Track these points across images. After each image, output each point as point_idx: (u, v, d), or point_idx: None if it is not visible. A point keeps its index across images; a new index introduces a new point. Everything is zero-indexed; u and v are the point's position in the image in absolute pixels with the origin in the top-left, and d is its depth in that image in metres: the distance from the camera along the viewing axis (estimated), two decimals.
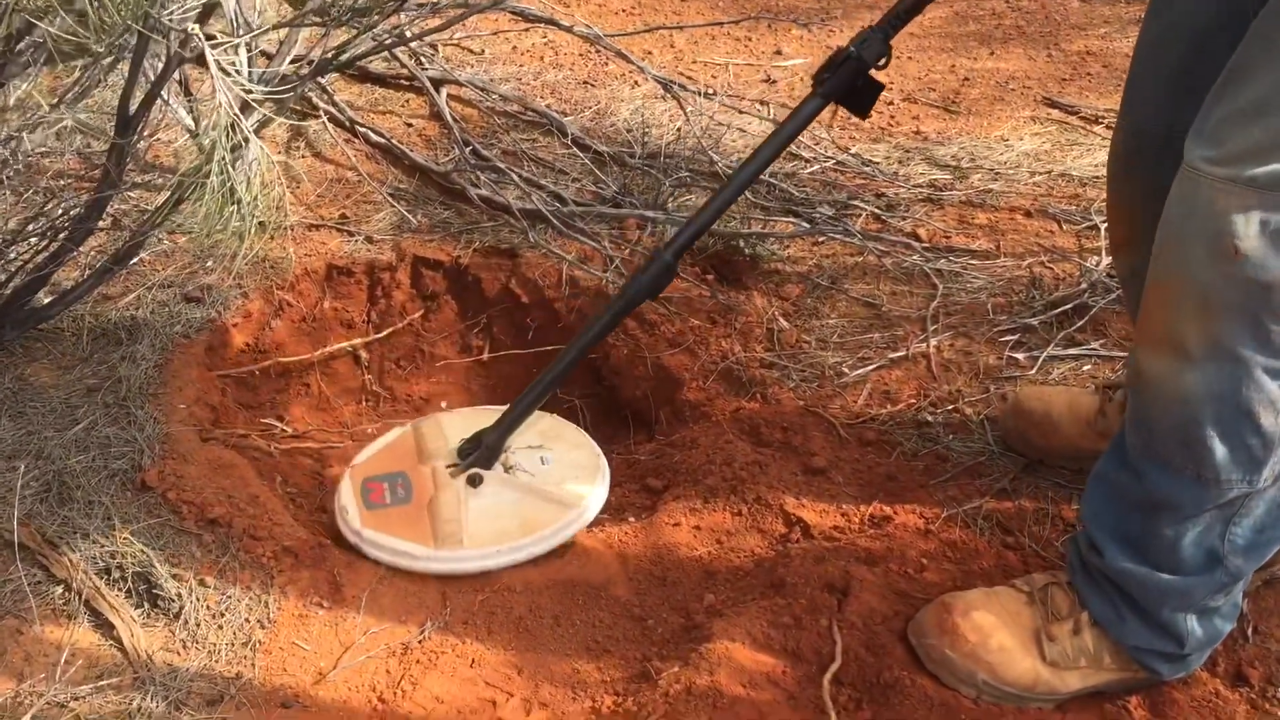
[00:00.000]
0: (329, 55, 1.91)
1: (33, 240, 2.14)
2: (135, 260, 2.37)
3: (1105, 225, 2.69)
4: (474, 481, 1.98)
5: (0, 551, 1.79)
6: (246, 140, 1.40)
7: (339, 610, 1.77)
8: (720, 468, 2.05)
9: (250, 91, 1.31)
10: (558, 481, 2.02)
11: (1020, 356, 2.30)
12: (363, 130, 2.97)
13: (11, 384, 2.10)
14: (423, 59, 3.28)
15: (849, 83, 1.84)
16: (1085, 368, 2.27)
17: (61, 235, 2.04)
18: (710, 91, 3.26)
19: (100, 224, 2.18)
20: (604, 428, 2.48)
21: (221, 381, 2.34)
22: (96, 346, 2.23)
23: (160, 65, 1.88)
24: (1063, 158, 3.05)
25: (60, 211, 2.15)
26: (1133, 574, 1.52)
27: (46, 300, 2.19)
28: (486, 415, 2.08)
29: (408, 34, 2.83)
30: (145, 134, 2.08)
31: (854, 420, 2.16)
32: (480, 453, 2.01)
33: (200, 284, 2.42)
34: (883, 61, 1.85)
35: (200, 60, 1.45)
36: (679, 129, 3.09)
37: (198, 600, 1.75)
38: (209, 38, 1.41)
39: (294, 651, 1.70)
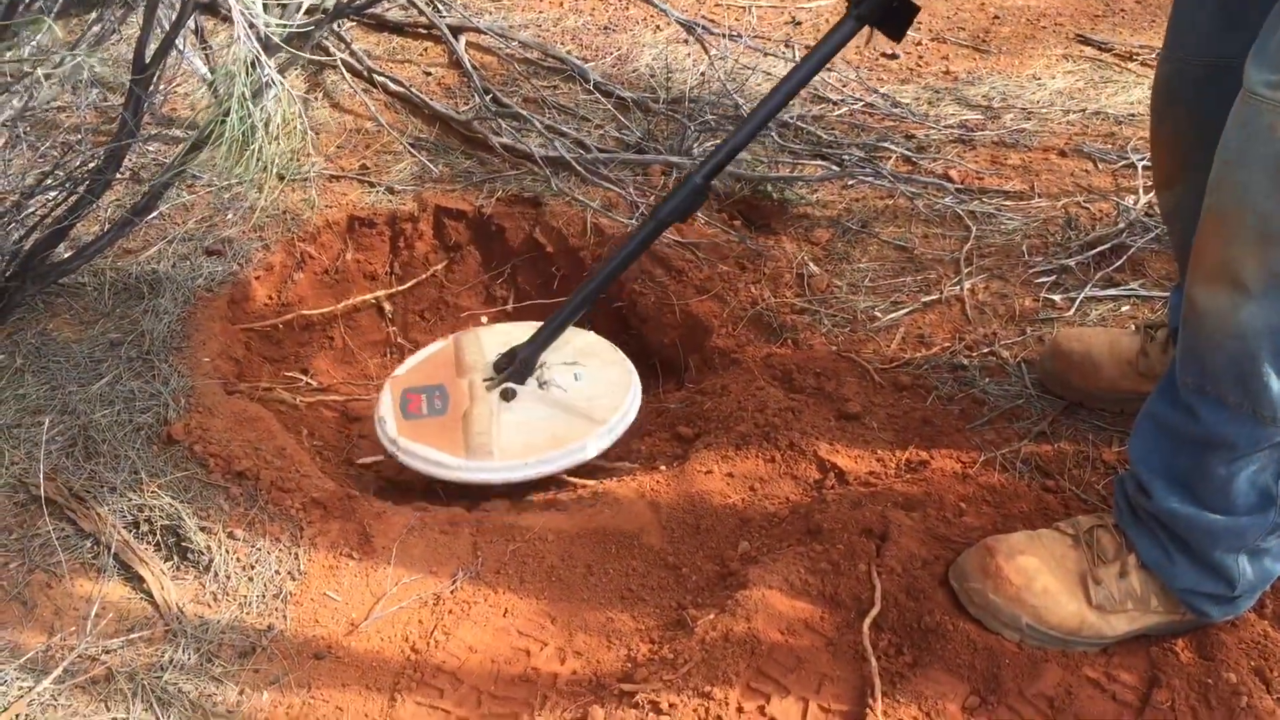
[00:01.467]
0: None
1: (51, 194, 2.11)
2: (155, 214, 2.34)
3: (1143, 163, 2.62)
4: (507, 396, 2.03)
5: (28, 506, 1.78)
6: (269, 83, 1.36)
7: (369, 561, 1.75)
8: (752, 414, 2.01)
9: (269, 26, 1.27)
10: (589, 398, 2.06)
11: (1057, 298, 2.25)
12: (381, 79, 2.93)
13: (34, 339, 2.08)
14: (440, 6, 3.22)
15: (884, 4, 1.80)
16: (1124, 308, 2.21)
17: (81, 187, 2.01)
18: (734, 34, 3.19)
19: (118, 176, 2.15)
20: None
21: (245, 335, 2.31)
22: (118, 301, 2.20)
23: (174, 13, 1.84)
24: (1097, 96, 2.98)
25: (78, 163, 2.11)
26: (1182, 515, 1.47)
27: (67, 254, 2.17)
28: (524, 330, 2.13)
29: None
30: (161, 86, 2.04)
31: (888, 365, 2.12)
32: (514, 368, 2.06)
33: (221, 237, 2.39)
34: None
35: (213, 8, 1.41)
36: (702, 73, 3.03)
37: (227, 553, 1.73)
38: None
39: (325, 603, 1.68)
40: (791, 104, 2.86)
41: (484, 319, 2.52)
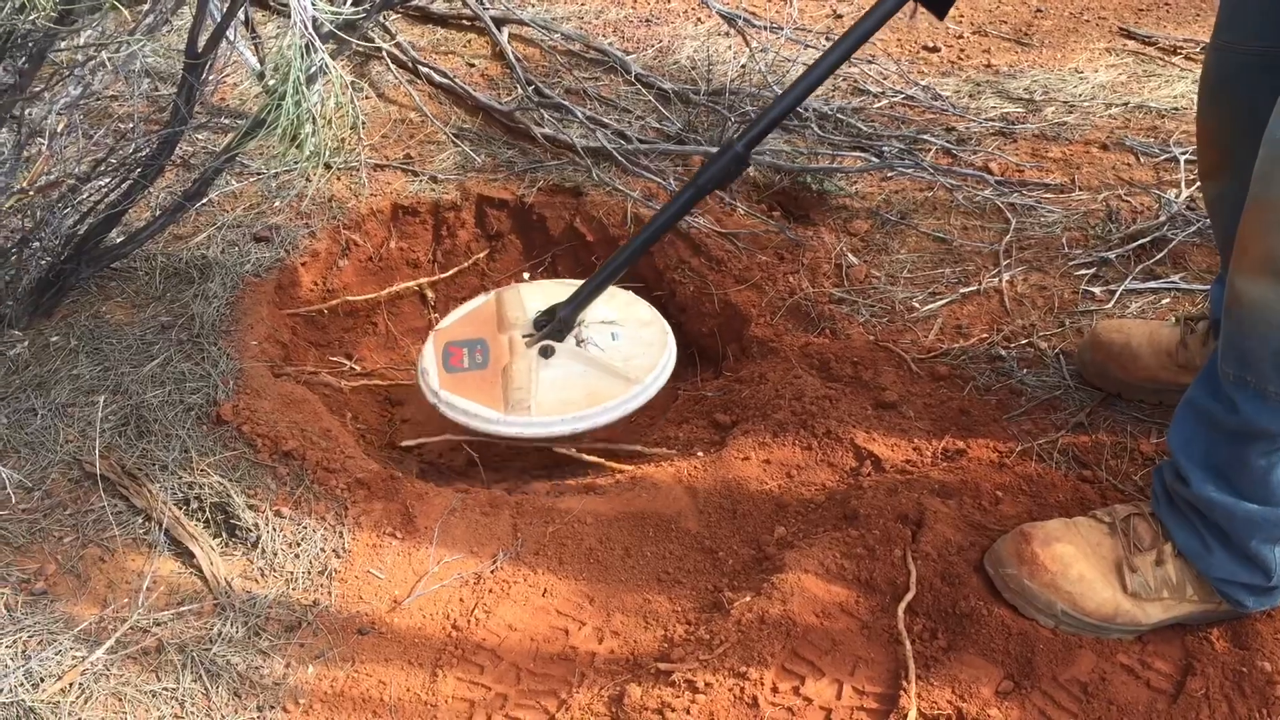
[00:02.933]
0: None
1: (104, 180, 2.16)
2: (205, 201, 2.39)
3: (1185, 157, 2.61)
4: (546, 353, 2.07)
5: (82, 482, 1.83)
6: (322, 69, 1.39)
7: (412, 540, 1.78)
8: (789, 402, 2.03)
9: (323, 13, 1.30)
10: (625, 357, 2.10)
11: (1096, 290, 2.25)
12: (425, 71, 2.96)
13: (88, 321, 2.13)
14: None
15: None
16: (1164, 301, 2.21)
17: (134, 173, 2.06)
18: (775, 26, 3.20)
19: (169, 164, 2.19)
20: None
21: (291, 320, 2.36)
22: (169, 285, 2.25)
23: (226, 4, 1.88)
24: (1139, 89, 2.96)
25: (131, 148, 2.16)
26: (1220, 504, 1.48)
27: (119, 239, 2.22)
28: (565, 288, 2.16)
29: None
30: (211, 75, 2.09)
31: (925, 355, 2.13)
32: (553, 325, 2.09)
33: (269, 223, 2.43)
34: None
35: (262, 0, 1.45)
36: (743, 65, 3.04)
37: (274, 530, 1.77)
38: None
39: (369, 580, 1.72)
40: (832, 97, 2.88)
41: (526, 275, 2.54)
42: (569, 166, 2.66)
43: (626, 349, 2.12)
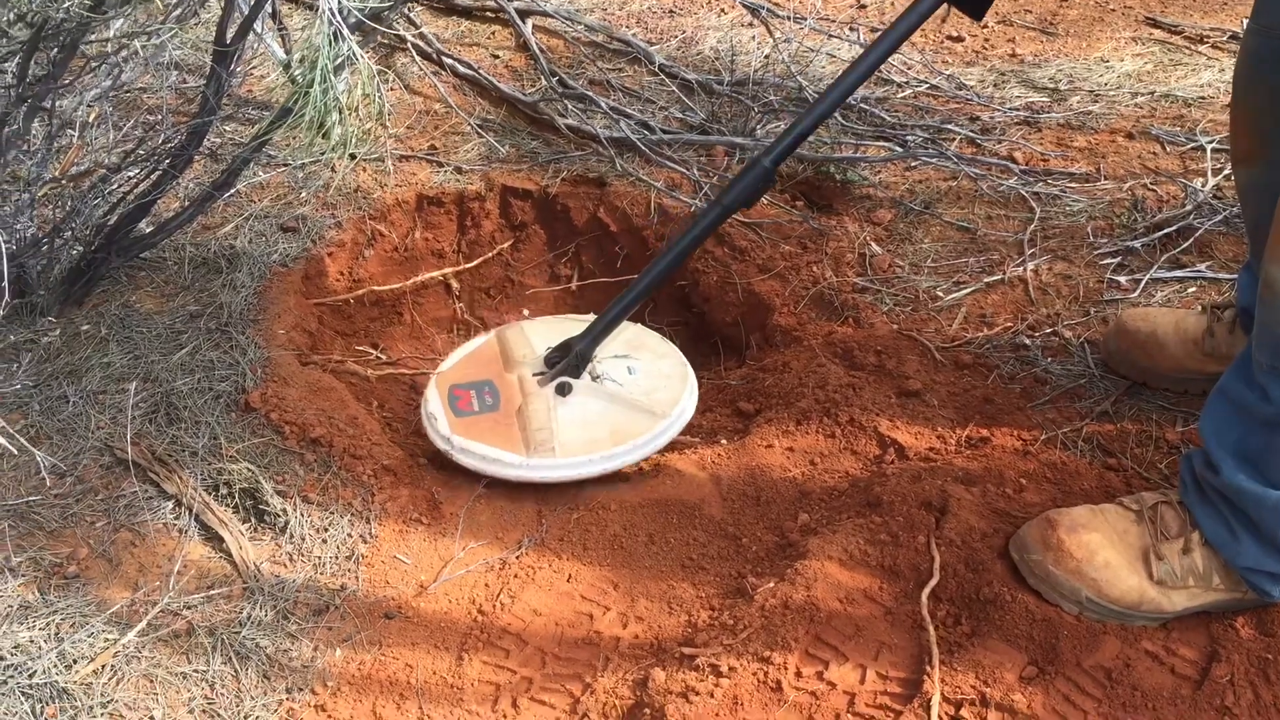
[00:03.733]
0: None
1: (133, 171, 2.18)
2: (233, 191, 2.41)
3: (1212, 146, 2.59)
4: (563, 390, 1.97)
5: (113, 468, 1.85)
6: (349, 59, 1.41)
7: (438, 526, 1.80)
8: (813, 391, 2.03)
9: (350, 2, 1.32)
10: (646, 391, 2.01)
11: (1122, 279, 2.24)
12: (450, 62, 2.98)
13: (118, 310, 2.16)
14: None
15: None
16: (1190, 290, 2.20)
17: (164, 163, 2.08)
18: (799, 17, 3.20)
19: (197, 155, 2.21)
20: (694, 354, 2.47)
21: (318, 309, 2.38)
22: (197, 274, 2.28)
23: None
24: (1165, 78, 2.95)
25: (160, 139, 2.19)
26: (1250, 492, 1.47)
27: (149, 229, 2.24)
28: (569, 324, 2.09)
29: None
30: (238, 67, 2.11)
31: (949, 344, 2.13)
32: (569, 361, 1.99)
33: (295, 214, 2.45)
34: None
35: None
36: (767, 55, 3.04)
37: (302, 516, 1.79)
38: None
39: (395, 565, 1.74)
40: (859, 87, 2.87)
41: (525, 312, 2.51)
42: (593, 157, 2.67)
43: (646, 383, 2.04)
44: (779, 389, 2.09)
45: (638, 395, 2.00)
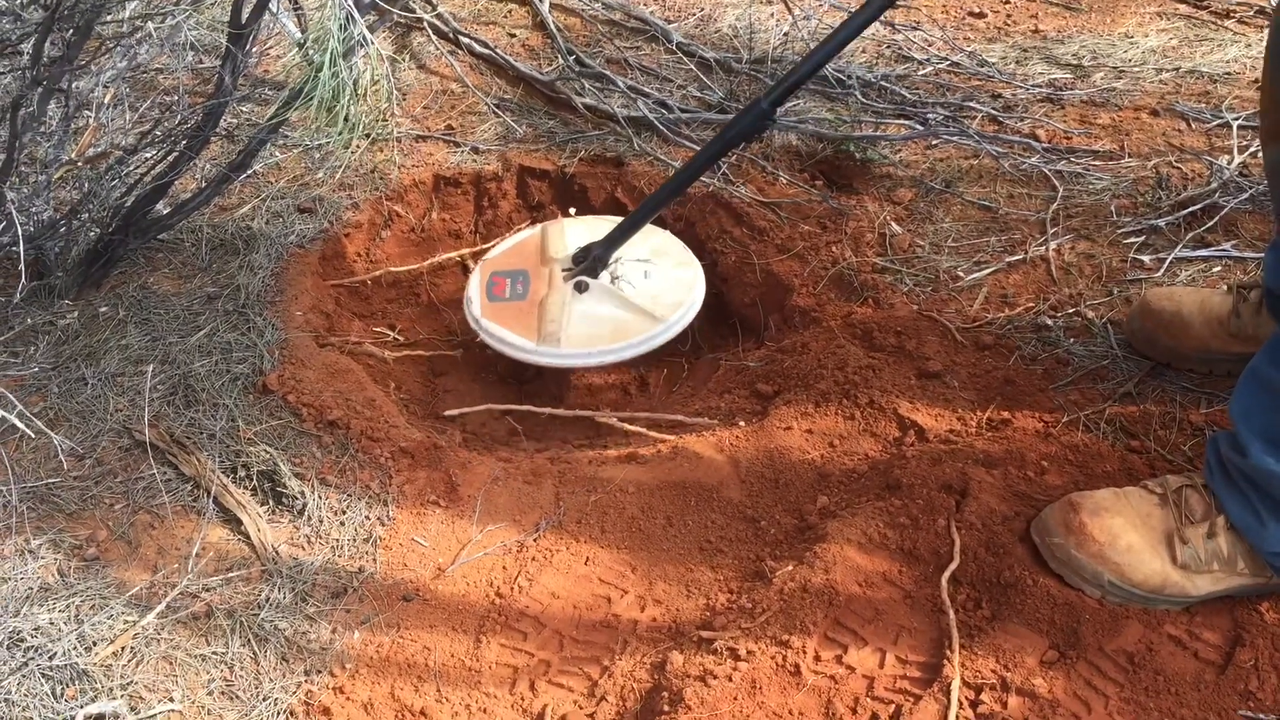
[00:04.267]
0: None
1: (150, 152, 2.18)
2: (249, 172, 2.41)
3: (1238, 123, 2.55)
4: (580, 288, 2.19)
5: (132, 451, 1.86)
6: (361, 42, 1.39)
7: (455, 509, 1.80)
8: (832, 372, 2.01)
9: None
10: (654, 296, 2.21)
11: (1146, 259, 2.21)
12: (466, 41, 2.96)
13: (136, 292, 2.16)
14: None
15: None
16: (1215, 269, 2.17)
17: (180, 145, 2.08)
18: None
19: (214, 136, 2.21)
20: (712, 336, 2.46)
21: (335, 290, 2.37)
22: (215, 256, 2.27)
23: None
24: (1191, 54, 2.90)
25: (177, 120, 2.18)
26: (1279, 475, 1.45)
27: (166, 211, 2.24)
28: (606, 225, 2.25)
29: None
30: (254, 48, 2.10)
31: (970, 324, 2.11)
32: (588, 262, 2.20)
33: (312, 195, 2.45)
34: None
35: None
36: (786, 32, 3.01)
37: (320, 498, 1.79)
38: None
39: (413, 548, 1.74)
40: (876, 64, 2.84)
41: (572, 210, 2.55)
42: (610, 136, 2.65)
43: (656, 287, 2.22)
44: (798, 370, 2.07)
45: (645, 299, 2.20)
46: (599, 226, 2.28)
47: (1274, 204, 1.83)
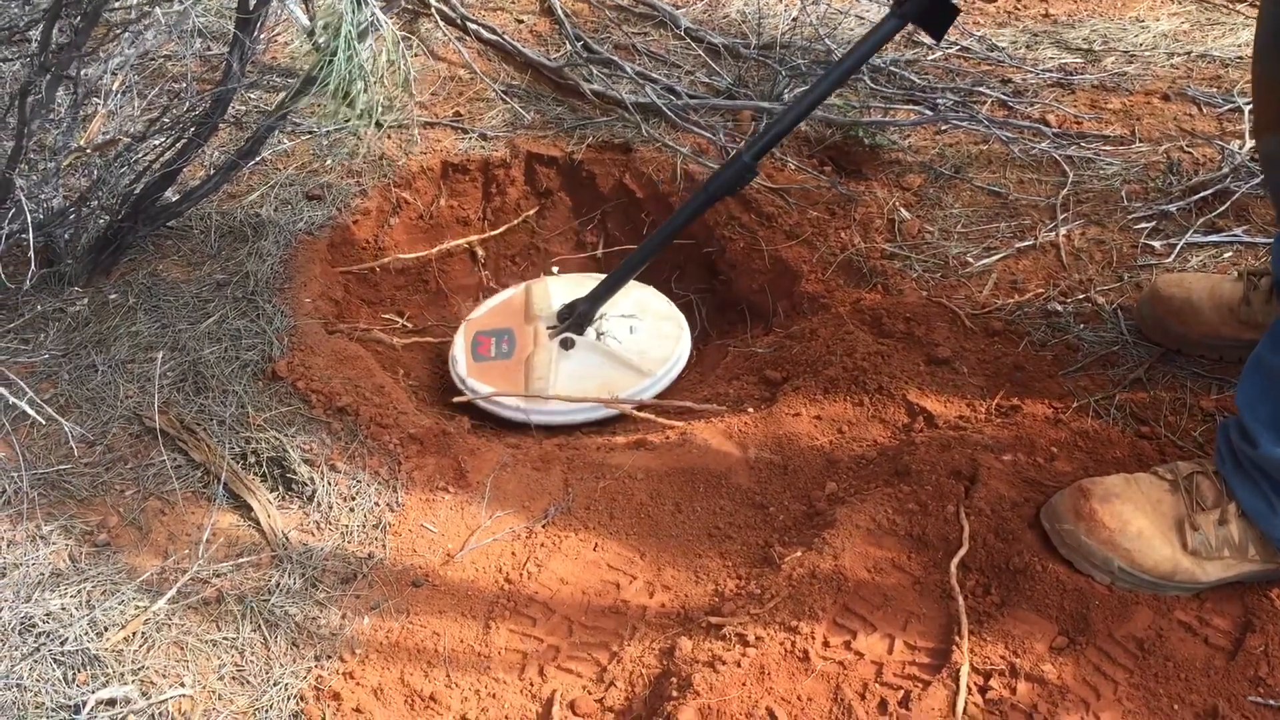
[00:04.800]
0: None
1: (159, 140, 2.18)
2: (258, 159, 2.40)
3: (1249, 107, 2.54)
4: (566, 345, 2.20)
5: (142, 437, 1.86)
6: (372, 26, 1.39)
7: (464, 495, 1.80)
8: (841, 359, 2.01)
9: None
10: (640, 350, 2.21)
11: (1156, 244, 2.20)
12: (474, 28, 2.95)
13: (145, 279, 2.16)
14: None
15: (926, 5, 1.86)
16: (1226, 255, 2.16)
17: (189, 131, 2.08)
18: None
19: (221, 123, 2.21)
20: (720, 322, 2.46)
21: (344, 277, 2.37)
22: (224, 243, 2.28)
23: None
24: (1202, 38, 2.88)
25: (185, 107, 2.18)
26: None
27: (175, 198, 2.24)
28: (591, 282, 2.25)
29: None
30: (262, 34, 2.10)
31: (979, 310, 2.10)
32: (574, 319, 2.21)
33: (321, 182, 2.45)
34: None
35: None
36: (794, 18, 3.00)
37: (329, 484, 1.79)
38: None
39: (422, 534, 1.74)
40: (885, 48, 2.83)
41: (555, 269, 2.56)
42: (618, 123, 2.64)
43: (643, 342, 2.23)
44: (806, 357, 2.07)
45: (632, 354, 2.20)
46: (583, 283, 2.29)
47: (1272, 194, 1.82)
